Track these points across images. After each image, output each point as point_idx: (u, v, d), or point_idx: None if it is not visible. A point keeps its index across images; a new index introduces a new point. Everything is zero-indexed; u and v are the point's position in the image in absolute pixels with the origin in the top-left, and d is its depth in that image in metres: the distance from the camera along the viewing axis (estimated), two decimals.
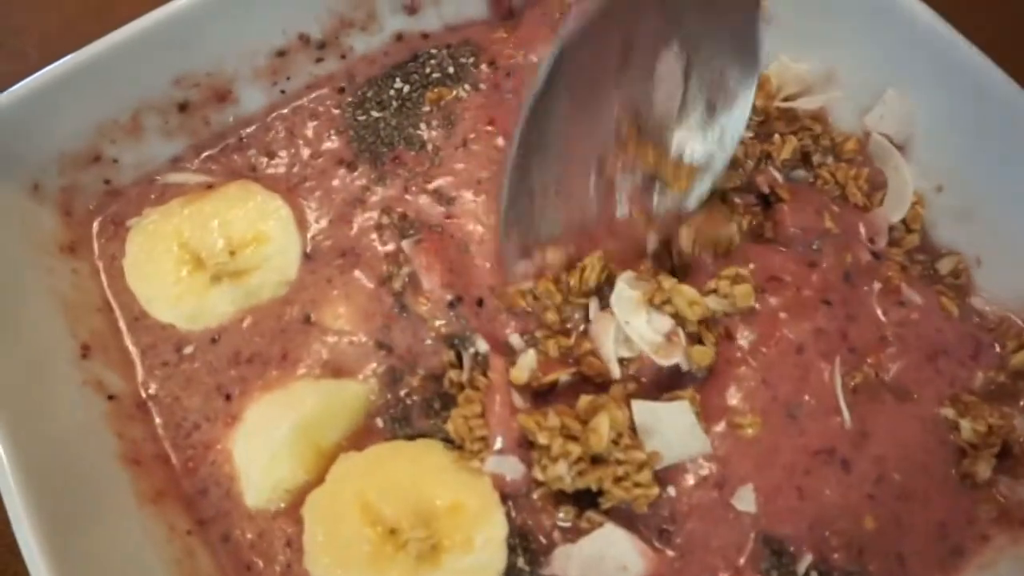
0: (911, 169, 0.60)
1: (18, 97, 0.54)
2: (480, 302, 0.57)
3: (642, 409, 0.50)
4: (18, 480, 0.43)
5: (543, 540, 0.51)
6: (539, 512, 0.51)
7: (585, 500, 0.51)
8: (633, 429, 0.50)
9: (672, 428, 0.50)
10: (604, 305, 0.55)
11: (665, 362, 0.52)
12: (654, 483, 0.49)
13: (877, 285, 0.57)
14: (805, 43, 0.63)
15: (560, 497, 0.51)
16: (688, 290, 0.53)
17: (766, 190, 0.60)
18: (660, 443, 0.50)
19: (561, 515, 0.51)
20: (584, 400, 0.50)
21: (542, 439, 0.49)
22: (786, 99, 0.65)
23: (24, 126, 0.55)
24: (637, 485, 0.48)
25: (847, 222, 0.60)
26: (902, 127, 0.60)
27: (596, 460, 0.49)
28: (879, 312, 0.56)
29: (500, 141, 0.63)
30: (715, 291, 0.54)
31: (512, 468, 0.50)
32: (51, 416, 0.48)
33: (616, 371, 0.52)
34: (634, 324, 0.52)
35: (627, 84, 0.54)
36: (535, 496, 0.51)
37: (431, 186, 0.62)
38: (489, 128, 0.64)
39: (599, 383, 0.53)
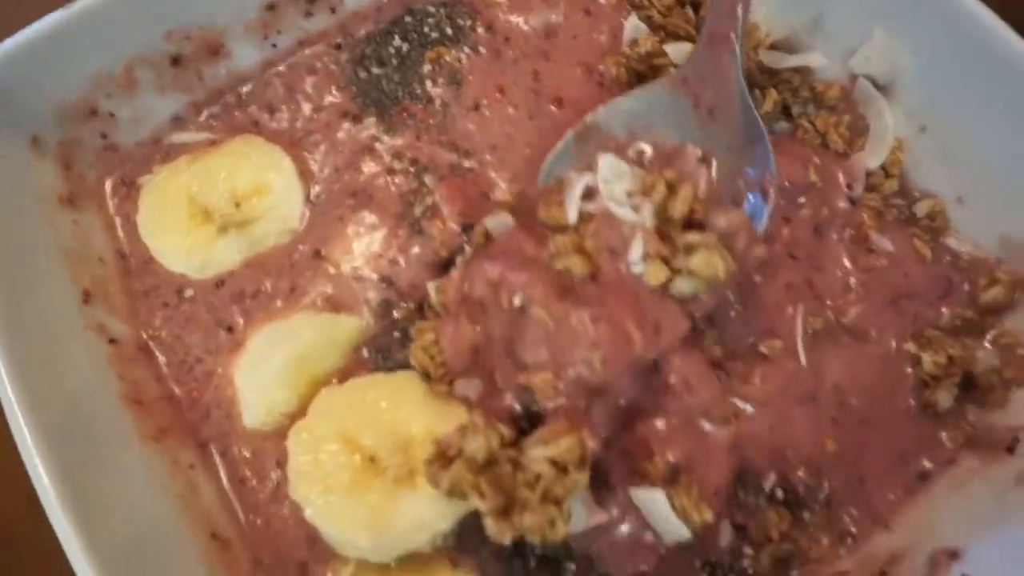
0: (894, 113, 0.61)
1: (14, 48, 0.55)
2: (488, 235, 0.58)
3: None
4: (30, 425, 0.46)
5: None
6: None
7: None
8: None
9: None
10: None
11: (624, 215, 0.51)
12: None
13: (848, 233, 0.60)
14: None
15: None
16: (687, 191, 0.51)
17: None
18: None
19: None
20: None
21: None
22: (772, 46, 0.66)
23: (21, 78, 0.56)
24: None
25: (828, 172, 0.62)
26: (887, 68, 0.61)
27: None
28: (846, 261, 0.59)
29: (511, 111, 0.67)
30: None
31: (475, 389, 0.52)
32: (57, 360, 0.51)
33: (573, 215, 0.52)
34: (612, 185, 0.53)
35: None
36: None
37: (444, 138, 0.66)
38: (499, 96, 0.68)
39: (553, 228, 0.53)
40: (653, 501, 0.49)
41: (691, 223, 0.51)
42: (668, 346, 0.51)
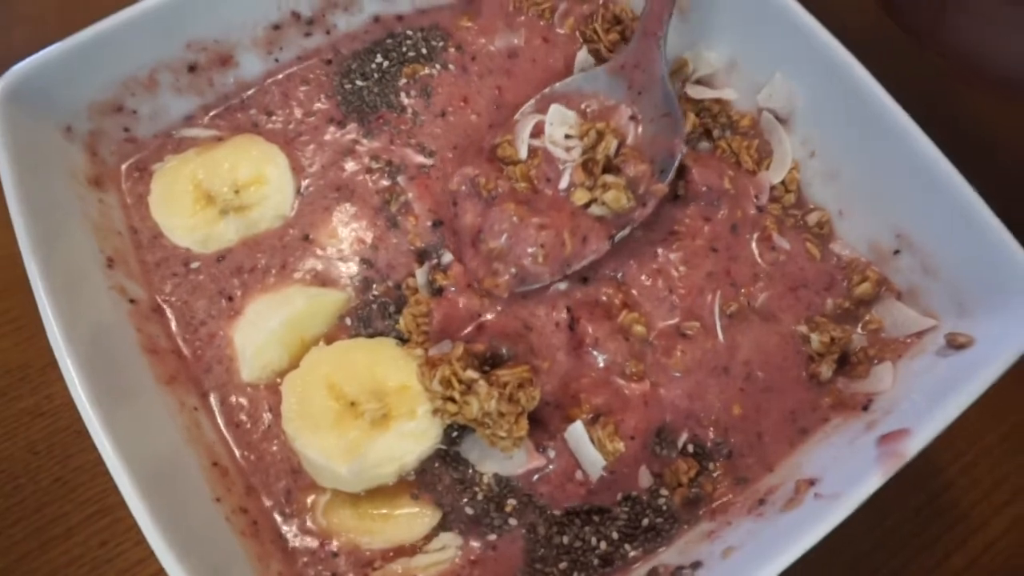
0: (791, 140, 0.76)
1: (58, 53, 0.68)
2: (454, 232, 0.73)
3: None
4: (74, 361, 0.56)
5: None
6: None
7: None
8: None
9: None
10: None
11: (556, 153, 0.72)
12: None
13: (756, 234, 0.74)
14: (714, 35, 0.80)
15: None
16: (611, 139, 0.72)
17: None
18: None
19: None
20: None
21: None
22: (698, 81, 0.81)
23: (62, 78, 0.68)
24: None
25: (740, 184, 0.77)
26: (785, 104, 0.76)
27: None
28: (756, 255, 0.74)
29: (473, 118, 0.81)
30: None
31: (447, 347, 0.66)
32: (89, 310, 0.62)
33: (523, 152, 0.73)
34: (555, 129, 0.73)
35: None
36: None
37: (413, 141, 0.79)
38: (463, 104, 0.81)
39: (509, 163, 0.73)
40: (574, 433, 0.63)
41: (611, 167, 0.71)
42: (590, 255, 0.70)
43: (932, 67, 0.81)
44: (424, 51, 0.84)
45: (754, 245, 0.74)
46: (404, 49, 0.84)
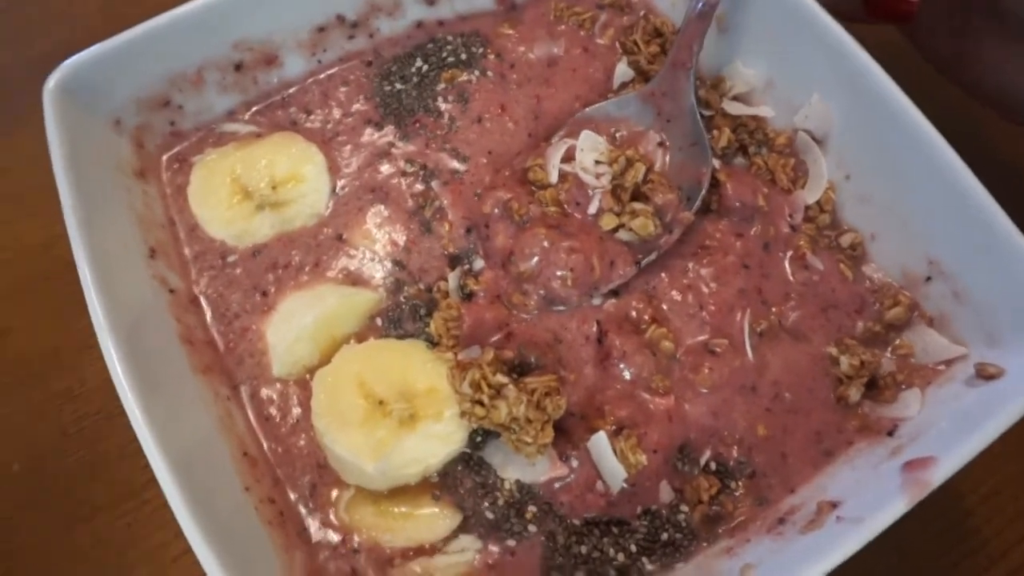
0: (827, 161, 0.77)
1: (109, 49, 0.71)
2: (487, 236, 0.76)
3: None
4: (115, 345, 0.59)
5: None
6: None
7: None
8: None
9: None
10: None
11: (586, 179, 0.75)
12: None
13: (790, 252, 0.76)
14: (752, 53, 0.81)
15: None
16: (640, 167, 0.74)
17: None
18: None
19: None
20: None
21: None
22: (735, 97, 0.83)
23: (113, 73, 0.72)
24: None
25: (775, 201, 0.78)
26: (822, 126, 0.77)
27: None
28: (788, 274, 0.75)
29: (510, 125, 0.83)
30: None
31: (475, 353, 0.68)
32: (131, 297, 0.65)
33: (554, 176, 0.75)
34: (585, 155, 0.76)
35: None
36: None
37: (448, 146, 0.81)
38: (499, 112, 0.83)
39: (539, 187, 0.76)
40: (597, 443, 0.65)
41: (639, 194, 0.74)
42: (617, 280, 0.72)
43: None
44: (464, 57, 0.86)
45: (787, 264, 0.75)
46: (444, 54, 0.86)
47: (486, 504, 0.67)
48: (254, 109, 0.82)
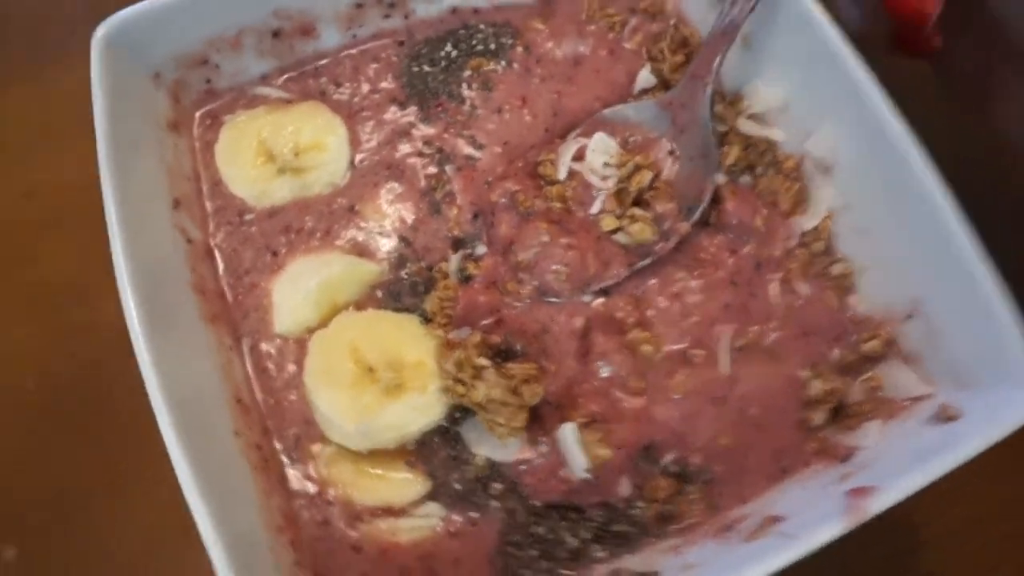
0: (830, 190, 0.79)
1: (155, 7, 0.75)
2: (492, 224, 0.80)
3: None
4: (132, 284, 0.64)
5: None
6: None
7: None
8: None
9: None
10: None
11: (592, 181, 0.78)
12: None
13: (779, 275, 0.78)
14: (773, 71, 0.83)
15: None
16: (647, 174, 0.77)
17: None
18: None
19: None
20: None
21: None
22: (750, 116, 0.85)
23: (156, 30, 0.76)
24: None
25: (772, 224, 0.80)
26: (829, 154, 0.79)
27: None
28: (775, 296, 0.78)
29: (529, 119, 0.86)
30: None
31: (466, 334, 0.73)
32: (151, 243, 0.70)
33: (563, 173, 0.78)
34: (595, 156, 0.79)
35: None
36: None
37: (466, 132, 0.85)
38: (520, 104, 0.86)
39: (548, 182, 0.79)
40: (565, 432, 0.69)
41: (641, 200, 0.77)
42: (609, 280, 0.76)
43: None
44: (492, 47, 0.89)
45: (775, 285, 0.78)
46: (474, 42, 0.89)
47: (455, 476, 0.72)
48: (287, 76, 0.86)
